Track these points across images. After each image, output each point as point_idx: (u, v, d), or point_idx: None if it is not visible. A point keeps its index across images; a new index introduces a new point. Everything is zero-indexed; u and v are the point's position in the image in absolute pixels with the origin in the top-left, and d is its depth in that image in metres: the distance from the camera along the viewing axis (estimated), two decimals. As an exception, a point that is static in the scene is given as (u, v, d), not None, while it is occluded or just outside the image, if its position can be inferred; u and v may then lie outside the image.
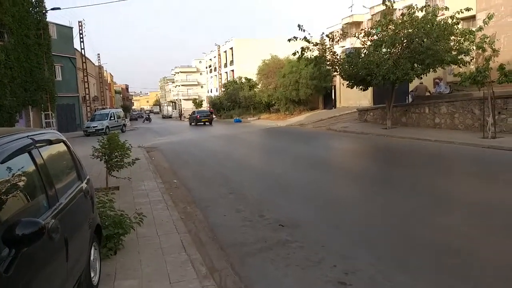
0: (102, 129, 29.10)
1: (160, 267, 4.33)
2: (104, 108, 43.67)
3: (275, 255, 4.71)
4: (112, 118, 33.03)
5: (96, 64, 52.47)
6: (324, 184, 8.85)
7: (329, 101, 36.00)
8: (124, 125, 36.69)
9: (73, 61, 34.84)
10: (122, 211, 5.25)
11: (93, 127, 30.14)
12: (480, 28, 15.68)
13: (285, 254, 4.72)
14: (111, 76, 69.43)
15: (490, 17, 15.51)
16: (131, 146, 8.62)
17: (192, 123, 37.04)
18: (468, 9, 16.27)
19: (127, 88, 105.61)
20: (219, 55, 65.10)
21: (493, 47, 14.21)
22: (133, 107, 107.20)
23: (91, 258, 3.71)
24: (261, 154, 15.44)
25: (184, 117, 53.23)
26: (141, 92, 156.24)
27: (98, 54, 61.82)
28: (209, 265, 4.50)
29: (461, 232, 5.16)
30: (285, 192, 8.12)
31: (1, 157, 2.35)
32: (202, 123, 35.80)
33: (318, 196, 7.60)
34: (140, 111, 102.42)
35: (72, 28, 35.43)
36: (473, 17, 19.81)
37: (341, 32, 22.15)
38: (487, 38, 14.39)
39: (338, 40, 19.61)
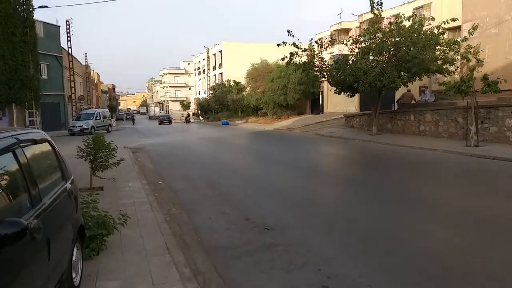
0: (88, 128, 28.84)
1: (143, 268, 4.31)
2: (90, 108, 43.26)
3: (259, 258, 4.73)
4: (97, 118, 32.80)
5: (83, 63, 51.90)
6: (310, 189, 8.91)
7: (316, 106, 36.30)
8: (110, 125, 36.42)
9: (60, 60, 34.34)
10: (106, 212, 5.20)
11: (78, 126, 29.86)
12: (465, 39, 16.04)
13: (270, 257, 4.74)
14: (98, 75, 68.68)
15: (475, 28, 15.87)
16: (117, 147, 8.55)
17: (159, 124, 51.09)
18: (454, 20, 16.61)
19: (114, 88, 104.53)
20: (208, 57, 65.03)
21: (478, 57, 14.53)
22: (119, 107, 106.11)
23: (73, 258, 3.68)
24: (248, 158, 15.45)
25: (173, 119, 57.75)
26: (128, 92, 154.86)
27: (85, 53, 61.16)
28: (193, 268, 4.48)
29: (439, 237, 5.26)
30: (271, 196, 8.14)
31: (-16, 155, 2.32)
32: (166, 123, 51.16)
33: (303, 200, 7.64)
34: (128, 111, 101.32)
35: (59, 26, 34.97)
36: (458, 28, 20.21)
37: (330, 39, 22.33)
38: (471, 48, 14.70)
39: (327, 47, 19.76)
